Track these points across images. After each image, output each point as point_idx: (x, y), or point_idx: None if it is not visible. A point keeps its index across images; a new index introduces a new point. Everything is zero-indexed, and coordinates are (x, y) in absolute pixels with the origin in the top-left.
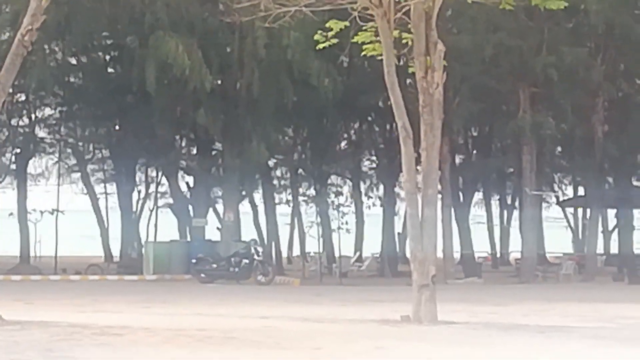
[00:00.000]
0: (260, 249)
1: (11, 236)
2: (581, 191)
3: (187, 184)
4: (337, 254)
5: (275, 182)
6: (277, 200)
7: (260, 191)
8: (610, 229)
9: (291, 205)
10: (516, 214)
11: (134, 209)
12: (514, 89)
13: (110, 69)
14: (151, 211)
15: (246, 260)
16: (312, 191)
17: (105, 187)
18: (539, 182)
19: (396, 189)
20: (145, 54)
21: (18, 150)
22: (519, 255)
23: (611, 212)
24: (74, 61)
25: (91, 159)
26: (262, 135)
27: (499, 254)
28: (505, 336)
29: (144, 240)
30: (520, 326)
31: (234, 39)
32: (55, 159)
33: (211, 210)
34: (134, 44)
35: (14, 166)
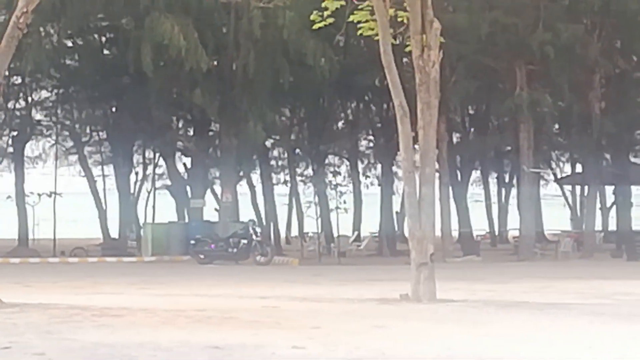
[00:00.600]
0: (259, 230)
1: (9, 219)
2: (579, 168)
3: (185, 165)
4: (335, 234)
5: (273, 162)
6: (274, 181)
7: (258, 172)
8: (608, 205)
9: (289, 185)
10: (514, 191)
11: (132, 190)
12: (510, 66)
13: (106, 51)
14: (149, 193)
15: (244, 241)
16: (309, 171)
17: (103, 169)
18: (536, 159)
19: (394, 168)
20: (141, 36)
21: (15, 133)
22: (517, 233)
23: (609, 189)
24: (69, 43)
25: (88, 141)
26: (258, 116)
27: (497, 232)
28: (504, 314)
29: (142, 222)
30: (519, 304)
31: (230, 20)
32: (53, 142)
33: (209, 191)
34: (130, 25)
35: (11, 149)
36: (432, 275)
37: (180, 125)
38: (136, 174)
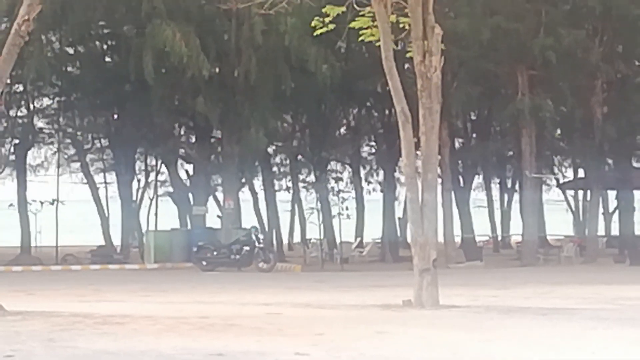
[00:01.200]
0: (261, 236)
1: (11, 227)
2: (581, 173)
3: (187, 172)
4: (338, 240)
5: (275, 169)
6: (277, 187)
7: (260, 178)
8: (610, 210)
9: (291, 191)
10: (516, 197)
11: (134, 198)
12: (512, 71)
13: (107, 59)
14: (151, 200)
15: (247, 248)
16: (312, 177)
17: (105, 176)
18: (538, 164)
19: (396, 173)
20: (143, 43)
21: (17, 141)
22: (520, 238)
23: (611, 194)
24: (71, 51)
25: (90, 148)
26: (260, 122)
27: (500, 237)
28: (507, 319)
29: (144, 229)
30: (522, 309)
31: (231, 26)
32: (55, 149)
33: (211, 198)
34: (131, 32)
35: (13, 157)
36: (434, 281)
37: (182, 132)
38: (138, 181)
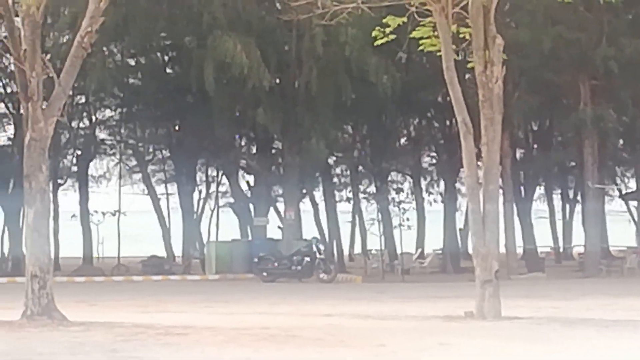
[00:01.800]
0: (322, 247)
1: (74, 238)
2: None
3: (248, 183)
4: (398, 251)
5: (336, 179)
6: (337, 198)
7: (321, 189)
8: None
9: (352, 202)
10: (579, 207)
11: (195, 208)
12: (573, 81)
13: (169, 70)
14: (212, 211)
15: (308, 259)
16: (372, 188)
17: (166, 187)
18: (601, 175)
19: (457, 184)
20: (204, 54)
21: (79, 152)
22: (582, 249)
23: None
24: (132, 62)
25: (151, 159)
26: (321, 133)
27: (562, 249)
28: (570, 331)
29: (205, 240)
30: (585, 321)
31: (292, 37)
32: (116, 161)
33: (272, 209)
34: (192, 44)
35: (75, 168)
36: (496, 293)
37: (243, 143)
38: (199, 192)
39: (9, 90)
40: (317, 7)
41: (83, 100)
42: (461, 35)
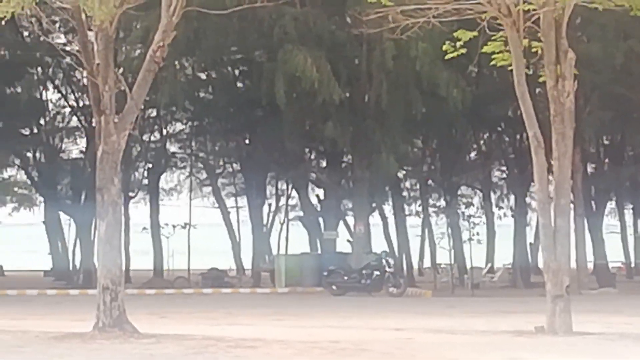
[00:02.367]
0: (391, 261)
1: (145, 250)
2: None
3: (317, 196)
4: (468, 265)
5: (405, 193)
6: (407, 212)
7: (390, 203)
8: None
9: (421, 216)
10: None
11: (265, 222)
12: None
13: (239, 84)
14: (282, 224)
15: (377, 272)
16: (442, 202)
17: (236, 200)
18: None
19: (527, 199)
20: (274, 68)
21: (150, 165)
22: None
23: None
24: (203, 76)
25: (222, 172)
26: (391, 147)
27: (633, 264)
28: None
29: (275, 253)
30: None
31: (362, 51)
32: (187, 174)
33: (341, 222)
34: (263, 58)
35: (146, 181)
36: (567, 308)
37: (312, 157)
38: (269, 205)
39: (81, 103)
40: (388, 22)
41: (154, 113)
42: (533, 50)
